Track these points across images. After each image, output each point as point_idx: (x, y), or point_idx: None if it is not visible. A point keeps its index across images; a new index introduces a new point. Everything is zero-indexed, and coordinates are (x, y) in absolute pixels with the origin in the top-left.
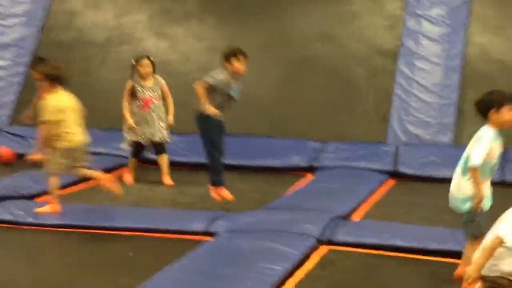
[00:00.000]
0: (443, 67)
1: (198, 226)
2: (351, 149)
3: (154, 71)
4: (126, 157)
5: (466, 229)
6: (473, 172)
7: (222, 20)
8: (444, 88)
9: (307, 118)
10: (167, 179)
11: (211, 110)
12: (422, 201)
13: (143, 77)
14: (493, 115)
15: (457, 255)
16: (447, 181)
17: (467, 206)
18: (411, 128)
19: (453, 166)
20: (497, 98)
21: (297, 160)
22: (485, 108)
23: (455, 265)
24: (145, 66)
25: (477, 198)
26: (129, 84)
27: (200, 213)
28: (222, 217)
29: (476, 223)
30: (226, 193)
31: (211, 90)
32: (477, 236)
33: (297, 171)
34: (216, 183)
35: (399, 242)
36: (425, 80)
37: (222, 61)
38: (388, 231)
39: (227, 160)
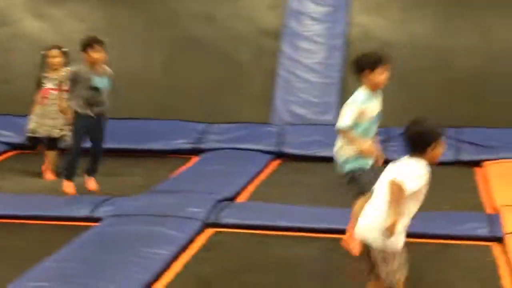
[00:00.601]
0: (326, 46)
1: (82, 211)
2: (236, 130)
3: (67, 63)
4: (5, 143)
5: (351, 189)
6: (342, 133)
7: (103, 1)
8: (327, 68)
9: (191, 99)
10: (49, 175)
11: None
12: (307, 180)
13: (51, 68)
14: (367, 76)
15: (344, 233)
16: (332, 160)
17: (347, 166)
18: (295, 108)
19: None
20: (370, 60)
21: (181, 142)
22: (360, 69)
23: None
24: (53, 57)
25: (360, 150)
26: (39, 73)
27: (84, 198)
28: (106, 202)
29: (359, 181)
30: (92, 184)
31: (75, 84)
32: (362, 193)
33: (182, 154)
34: (70, 176)
35: (285, 223)
36: (309, 60)
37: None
38: (274, 212)
39: (111, 144)
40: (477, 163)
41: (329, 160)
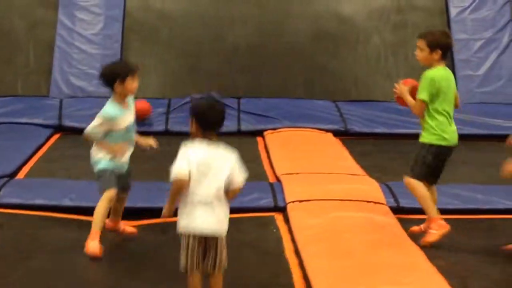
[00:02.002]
0: (104, 17)
1: None
2: (13, 103)
3: None
4: None
5: (98, 187)
6: (87, 137)
7: None
8: (106, 39)
9: None
10: None
11: None
12: (88, 154)
13: None
14: (118, 87)
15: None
16: None
17: (96, 168)
18: (74, 80)
19: None
20: (120, 70)
21: None
22: (111, 81)
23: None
24: None
25: (109, 151)
26: None
27: None
28: None
29: (103, 182)
30: None
31: None
32: (105, 190)
33: None
34: None
35: (68, 203)
36: (87, 31)
37: None
38: (56, 190)
39: None
40: (258, 133)
41: None
